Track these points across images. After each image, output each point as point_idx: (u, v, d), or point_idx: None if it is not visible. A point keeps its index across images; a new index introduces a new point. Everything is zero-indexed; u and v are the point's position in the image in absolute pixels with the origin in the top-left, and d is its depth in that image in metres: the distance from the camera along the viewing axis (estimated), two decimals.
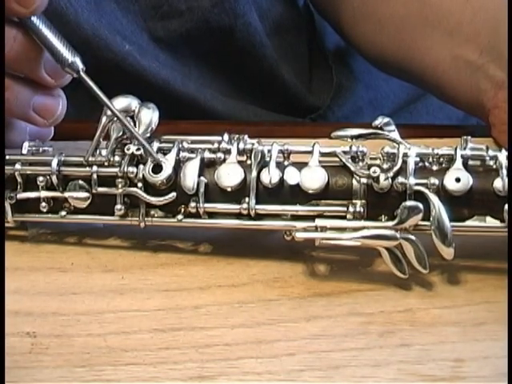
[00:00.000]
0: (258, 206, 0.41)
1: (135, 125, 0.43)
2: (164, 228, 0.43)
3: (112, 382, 0.36)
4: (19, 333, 0.39)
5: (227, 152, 0.42)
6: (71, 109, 0.46)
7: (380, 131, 0.42)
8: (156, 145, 0.43)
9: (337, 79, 0.72)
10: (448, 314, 0.39)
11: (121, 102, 0.43)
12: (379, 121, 0.43)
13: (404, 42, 0.60)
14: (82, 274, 0.43)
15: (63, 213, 0.43)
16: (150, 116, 0.43)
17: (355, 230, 0.40)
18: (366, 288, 0.41)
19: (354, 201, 0.41)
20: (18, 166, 0.43)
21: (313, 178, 0.41)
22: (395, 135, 0.42)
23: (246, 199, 0.41)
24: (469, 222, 0.40)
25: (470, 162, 0.41)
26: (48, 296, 0.41)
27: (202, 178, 0.41)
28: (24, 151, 0.44)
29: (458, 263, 0.41)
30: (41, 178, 0.43)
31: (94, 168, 0.42)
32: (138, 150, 0.42)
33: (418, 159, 0.41)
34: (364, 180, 0.41)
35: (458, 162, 0.40)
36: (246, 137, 0.43)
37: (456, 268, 0.42)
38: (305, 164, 0.41)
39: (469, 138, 0.42)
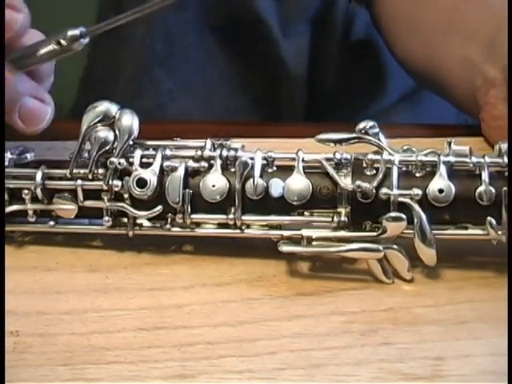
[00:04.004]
0: (244, 217, 0.42)
1: (115, 132, 0.42)
2: None
3: (94, 381, 0.36)
4: None
5: (211, 159, 0.42)
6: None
7: (364, 136, 0.42)
8: (139, 152, 0.42)
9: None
10: (430, 312, 0.39)
11: (100, 108, 0.42)
12: (363, 124, 0.42)
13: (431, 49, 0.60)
14: (67, 273, 0.43)
15: (52, 223, 0.44)
16: (130, 121, 0.42)
17: (340, 240, 0.41)
18: (349, 287, 0.41)
19: (338, 209, 0.41)
20: None
21: (297, 189, 0.41)
22: (380, 139, 0.42)
23: (232, 209, 0.41)
24: (450, 231, 0.41)
25: (455, 167, 0.41)
26: (32, 295, 0.41)
27: (187, 190, 0.42)
28: (6, 162, 0.43)
29: (441, 262, 0.41)
30: (26, 191, 0.43)
31: (79, 182, 0.42)
32: (120, 164, 0.42)
33: (401, 165, 0.41)
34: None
35: (442, 170, 0.40)
36: (228, 142, 0.43)
37: (438, 267, 0.41)
38: (289, 169, 0.42)
39: (453, 140, 0.42)
